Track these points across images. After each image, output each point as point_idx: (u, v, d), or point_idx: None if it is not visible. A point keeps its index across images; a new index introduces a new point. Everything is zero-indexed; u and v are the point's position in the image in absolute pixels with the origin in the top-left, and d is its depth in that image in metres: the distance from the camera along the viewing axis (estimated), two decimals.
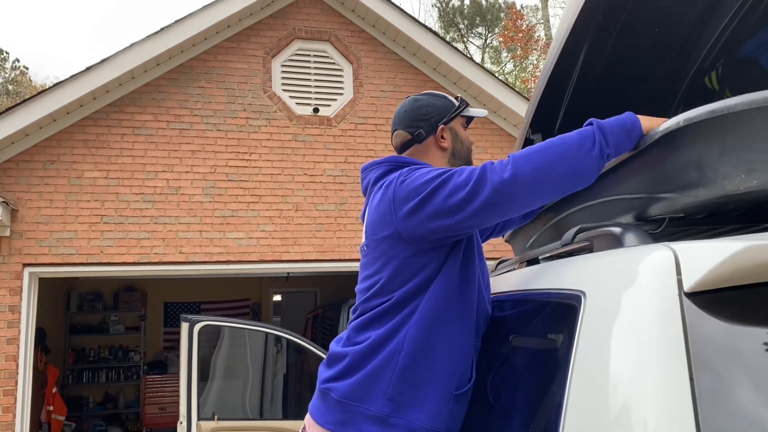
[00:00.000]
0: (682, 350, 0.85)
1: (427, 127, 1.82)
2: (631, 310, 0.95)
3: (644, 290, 0.95)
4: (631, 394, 0.88)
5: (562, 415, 1.01)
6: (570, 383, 1.02)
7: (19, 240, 5.57)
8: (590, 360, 1.00)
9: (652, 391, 0.85)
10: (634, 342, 0.91)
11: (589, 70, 2.13)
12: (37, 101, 5.59)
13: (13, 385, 5.35)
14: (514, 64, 24.84)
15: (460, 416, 1.54)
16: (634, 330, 0.92)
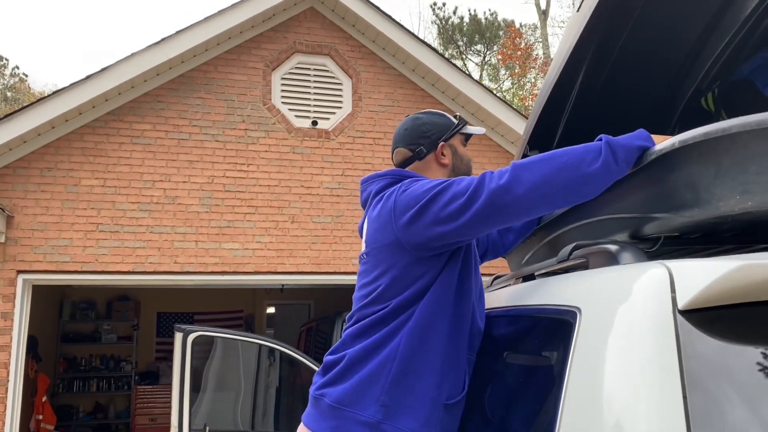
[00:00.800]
0: (675, 368, 0.86)
1: (428, 144, 1.85)
2: (625, 326, 0.96)
3: (639, 307, 0.96)
4: (625, 411, 0.88)
5: (557, 424, 1.02)
6: (564, 399, 1.03)
7: (13, 246, 5.56)
8: (584, 376, 1.00)
9: (646, 408, 0.85)
10: (628, 359, 0.92)
11: (588, 90, 2.16)
12: (36, 108, 5.60)
13: (3, 393, 5.31)
14: (512, 82, 25.00)
15: (452, 426, 1.55)
16: (628, 347, 0.93)
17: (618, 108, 2.28)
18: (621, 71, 2.15)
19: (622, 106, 2.28)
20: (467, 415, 1.58)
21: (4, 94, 27.42)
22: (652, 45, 2.11)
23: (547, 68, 15.66)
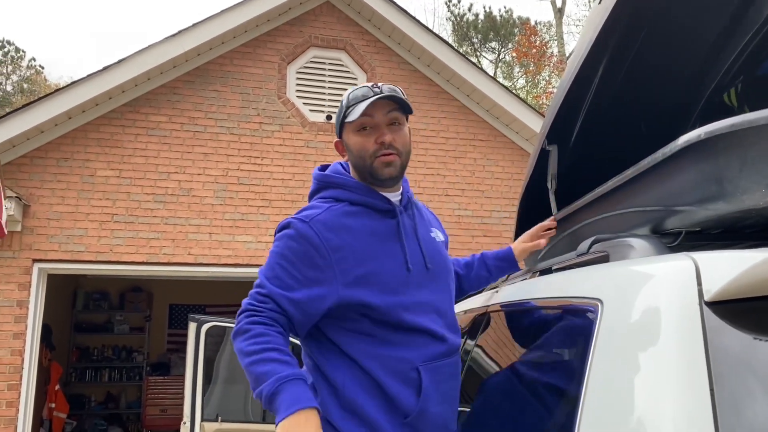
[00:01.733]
0: (702, 360, 0.85)
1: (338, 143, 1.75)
2: (650, 318, 0.95)
3: (664, 299, 0.95)
4: (650, 403, 0.87)
5: (576, 424, 1.01)
6: (585, 391, 1.02)
7: (29, 235, 5.61)
8: (606, 368, 1.00)
9: (672, 401, 0.84)
10: (653, 351, 0.91)
11: (607, 84, 2.14)
12: (53, 99, 5.64)
13: (17, 380, 5.36)
14: (526, 80, 24.88)
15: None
16: (653, 338, 0.92)
17: (637, 103, 2.26)
18: (641, 66, 2.12)
19: (641, 101, 2.26)
20: (485, 409, 1.58)
21: (20, 85, 27.66)
22: (673, 40, 2.08)
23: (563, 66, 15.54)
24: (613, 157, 2.27)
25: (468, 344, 2.03)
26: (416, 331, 1.54)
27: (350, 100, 1.63)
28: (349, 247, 1.54)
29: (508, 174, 6.92)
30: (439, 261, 1.70)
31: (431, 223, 1.83)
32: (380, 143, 1.61)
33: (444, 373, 1.57)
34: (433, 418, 1.54)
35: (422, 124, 6.77)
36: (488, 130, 6.94)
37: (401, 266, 1.58)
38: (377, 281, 1.54)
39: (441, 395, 1.56)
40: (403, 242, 1.61)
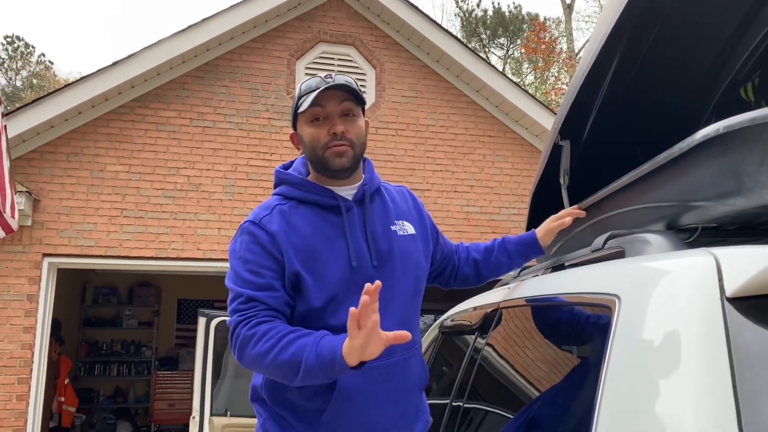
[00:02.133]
0: (724, 357, 0.83)
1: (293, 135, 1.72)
2: (670, 314, 0.94)
3: (685, 295, 0.93)
4: (670, 402, 0.86)
5: (593, 423, 0.99)
6: (602, 389, 1.01)
7: (39, 230, 5.63)
8: (624, 364, 0.98)
9: (693, 399, 0.83)
10: (674, 348, 0.90)
11: (621, 79, 2.12)
12: (63, 93, 5.65)
13: (27, 374, 5.39)
14: (535, 76, 24.79)
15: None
16: (673, 335, 0.91)
17: (650, 98, 2.24)
18: (655, 61, 2.10)
19: (654, 96, 2.24)
20: (497, 407, 1.56)
21: (30, 81, 27.78)
22: (688, 34, 2.06)
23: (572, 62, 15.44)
24: (625, 153, 2.26)
25: (479, 342, 2.02)
26: (340, 331, 1.45)
27: (302, 90, 1.60)
28: (293, 243, 1.54)
29: (517, 170, 6.89)
30: (393, 258, 1.63)
31: (401, 214, 1.75)
32: (332, 134, 1.58)
33: (378, 375, 1.53)
34: (355, 420, 1.52)
35: (431, 120, 6.76)
36: (498, 126, 6.91)
37: (345, 266, 1.55)
38: (317, 277, 1.53)
39: (368, 397, 1.53)
40: (348, 241, 1.57)
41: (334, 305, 1.53)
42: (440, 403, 2.29)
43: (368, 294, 1.25)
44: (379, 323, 1.28)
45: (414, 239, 1.71)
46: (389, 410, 1.57)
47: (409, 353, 1.62)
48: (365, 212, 1.64)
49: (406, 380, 1.62)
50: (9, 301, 5.44)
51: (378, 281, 1.27)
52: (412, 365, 1.65)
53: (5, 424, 5.29)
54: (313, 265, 1.53)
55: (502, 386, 1.66)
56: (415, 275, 1.68)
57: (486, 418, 1.74)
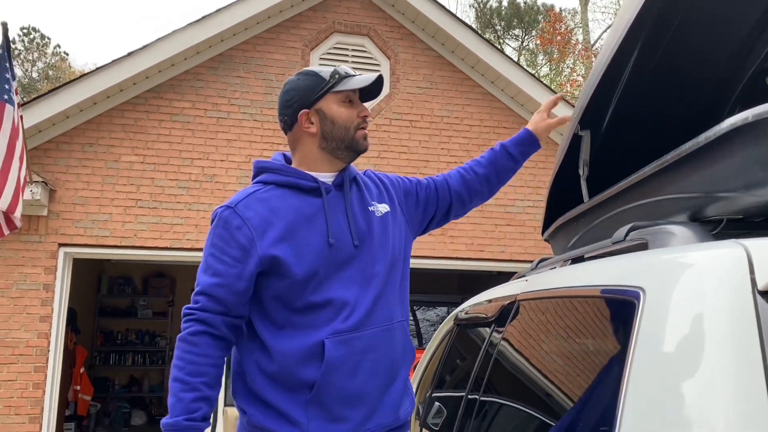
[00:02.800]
0: (756, 351, 0.81)
1: (291, 114, 1.74)
2: (698, 308, 0.91)
3: (714, 288, 0.90)
4: (699, 398, 0.83)
5: (618, 418, 0.97)
6: (626, 384, 0.98)
7: (55, 220, 5.66)
8: (650, 358, 0.95)
9: (724, 393, 0.80)
10: (703, 342, 0.87)
11: (643, 68, 2.08)
12: (78, 84, 5.67)
13: (44, 362, 5.44)
14: (550, 68, 24.58)
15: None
16: (702, 329, 0.88)
17: (672, 87, 2.19)
18: (677, 50, 2.06)
19: (677, 86, 2.20)
20: (516, 401, 1.54)
21: (45, 72, 27.96)
22: (711, 23, 2.02)
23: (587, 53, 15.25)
24: (645, 143, 2.22)
25: (495, 334, 2.00)
26: (328, 304, 1.59)
27: (340, 72, 1.72)
28: (271, 225, 1.61)
29: (532, 162, 6.83)
30: (372, 238, 1.72)
31: (374, 197, 1.82)
32: (363, 117, 1.74)
33: (361, 345, 1.60)
34: (344, 390, 1.57)
35: (446, 111, 6.71)
36: (513, 117, 6.85)
37: (324, 243, 1.63)
38: (298, 252, 1.59)
39: (354, 367, 1.58)
40: (327, 220, 1.65)
41: (315, 282, 1.60)
42: (456, 395, 2.27)
43: None
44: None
45: (388, 217, 1.80)
46: (375, 381, 1.63)
47: (391, 325, 1.69)
48: (345, 195, 1.73)
49: (389, 352, 1.68)
50: (25, 290, 5.49)
51: None
52: (396, 338, 1.71)
53: (22, 411, 5.34)
54: (293, 242, 1.60)
55: (520, 380, 1.64)
56: (392, 252, 1.76)
57: (503, 412, 1.72)
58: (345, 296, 1.61)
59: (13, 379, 5.36)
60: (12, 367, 5.37)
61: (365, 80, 1.72)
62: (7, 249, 5.51)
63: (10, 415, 5.31)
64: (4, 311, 5.43)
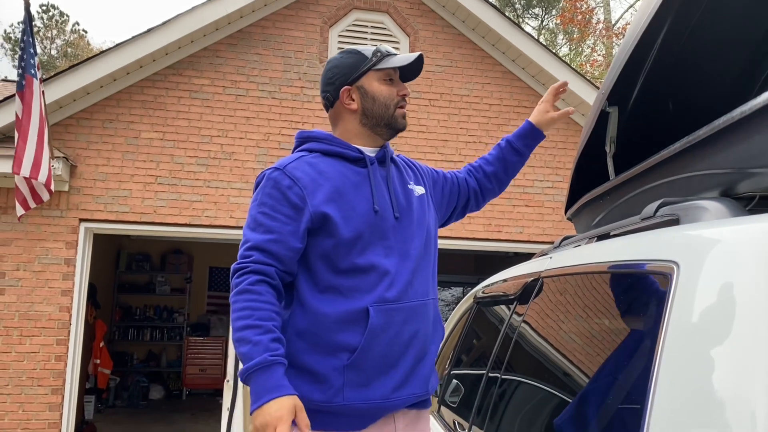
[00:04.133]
0: None
1: (333, 91, 1.80)
2: (733, 282, 0.90)
3: (751, 262, 0.89)
4: (733, 370, 0.82)
5: (649, 397, 0.96)
6: (659, 357, 0.97)
7: (76, 195, 5.72)
8: (684, 333, 0.94)
9: (758, 368, 0.79)
10: (737, 315, 0.86)
11: (672, 44, 2.04)
12: (99, 60, 5.68)
13: (65, 336, 5.52)
14: (570, 48, 24.24)
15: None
16: (738, 303, 0.87)
17: (701, 64, 2.15)
18: (707, 26, 2.02)
19: (705, 62, 2.16)
20: (538, 379, 1.54)
21: (64, 50, 28.07)
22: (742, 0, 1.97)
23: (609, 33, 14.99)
24: (673, 120, 2.18)
25: (518, 312, 1.99)
26: (372, 270, 1.62)
27: (379, 49, 1.76)
28: (320, 186, 1.65)
29: (552, 142, 6.77)
30: (411, 213, 1.76)
31: (411, 178, 1.88)
32: (403, 95, 1.78)
33: (400, 316, 1.64)
34: (382, 358, 1.61)
35: (465, 90, 6.65)
36: (533, 96, 6.78)
37: (369, 208, 1.67)
38: (345, 214, 1.63)
39: (391, 337, 1.62)
40: (372, 188, 1.70)
41: (361, 244, 1.63)
42: (475, 373, 2.27)
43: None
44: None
45: (424, 199, 1.86)
46: (410, 351, 1.67)
47: (426, 301, 1.74)
48: (387, 170, 1.78)
49: (424, 326, 1.72)
50: (47, 264, 5.56)
51: None
52: (429, 313, 1.76)
53: (45, 383, 5.44)
54: (341, 204, 1.64)
55: (544, 357, 1.63)
56: (427, 231, 1.80)
57: (524, 389, 1.72)
58: (387, 264, 1.65)
59: (36, 351, 5.45)
60: (35, 340, 5.46)
61: (407, 59, 1.75)
62: (30, 223, 5.57)
63: (33, 387, 5.41)
64: (27, 284, 5.51)
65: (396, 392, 1.64)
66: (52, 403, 5.43)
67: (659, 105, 2.22)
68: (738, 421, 0.78)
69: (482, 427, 1.87)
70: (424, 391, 1.72)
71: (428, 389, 1.75)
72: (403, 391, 1.65)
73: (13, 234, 5.54)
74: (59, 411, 5.44)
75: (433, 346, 1.78)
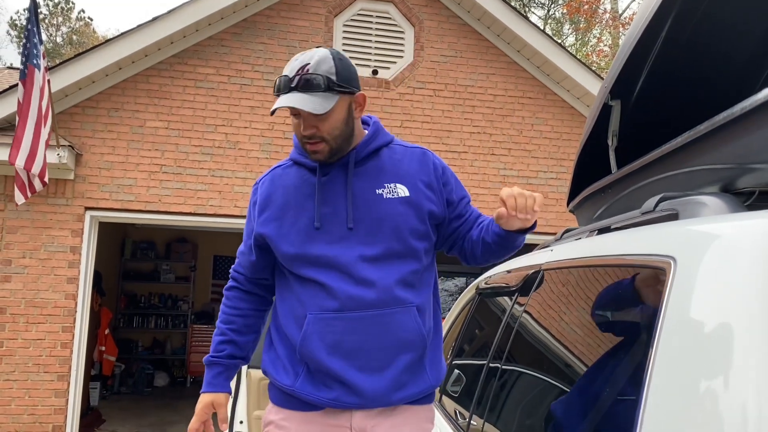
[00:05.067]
0: None
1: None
2: (730, 278, 0.91)
3: (746, 258, 0.90)
4: (728, 366, 0.84)
5: (644, 388, 0.98)
6: (654, 352, 0.99)
7: (82, 184, 5.75)
8: (679, 327, 0.96)
9: (754, 364, 0.80)
10: (734, 311, 0.87)
11: (676, 37, 2.04)
12: (104, 49, 5.69)
13: (71, 323, 5.57)
14: (576, 38, 24.11)
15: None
16: (735, 299, 0.88)
17: (706, 58, 2.15)
18: (712, 19, 2.02)
19: (710, 56, 2.16)
20: (537, 369, 1.56)
21: (70, 37, 28.05)
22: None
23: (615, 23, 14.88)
24: (676, 115, 2.18)
25: (517, 305, 2.01)
26: (310, 282, 1.69)
27: (275, 87, 1.66)
28: (269, 205, 1.76)
29: (557, 134, 6.77)
30: (374, 221, 1.69)
31: (396, 177, 1.75)
32: (302, 135, 1.67)
33: (337, 326, 1.64)
34: (320, 364, 1.65)
35: (470, 81, 6.64)
36: (538, 87, 6.77)
37: (309, 225, 1.70)
38: (284, 232, 1.72)
39: (330, 347, 1.64)
40: (316, 201, 1.70)
41: (300, 261, 1.70)
42: (476, 363, 2.29)
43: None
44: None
45: (404, 202, 1.73)
46: (352, 362, 1.64)
47: (389, 310, 1.66)
48: (348, 176, 1.72)
49: (381, 336, 1.65)
50: (53, 252, 5.60)
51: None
52: (396, 322, 1.66)
53: (51, 369, 5.49)
54: (282, 222, 1.73)
55: (543, 348, 1.65)
56: (397, 236, 1.70)
57: (524, 380, 1.74)
58: (325, 278, 1.66)
59: (42, 338, 5.50)
60: (41, 327, 5.51)
61: (279, 102, 1.62)
62: (36, 211, 5.61)
63: (39, 373, 5.47)
64: (33, 272, 5.55)
65: (345, 398, 1.66)
66: (57, 389, 5.49)
67: (662, 99, 2.22)
68: (732, 414, 0.80)
69: (483, 416, 1.90)
70: (377, 403, 1.67)
71: (391, 400, 1.68)
72: (350, 398, 1.65)
73: (20, 222, 5.58)
74: (65, 397, 5.50)
75: (403, 355, 1.68)
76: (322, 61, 1.62)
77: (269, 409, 1.80)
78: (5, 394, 5.41)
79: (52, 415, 5.46)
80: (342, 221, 1.69)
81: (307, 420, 1.70)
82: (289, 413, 1.73)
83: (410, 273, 1.71)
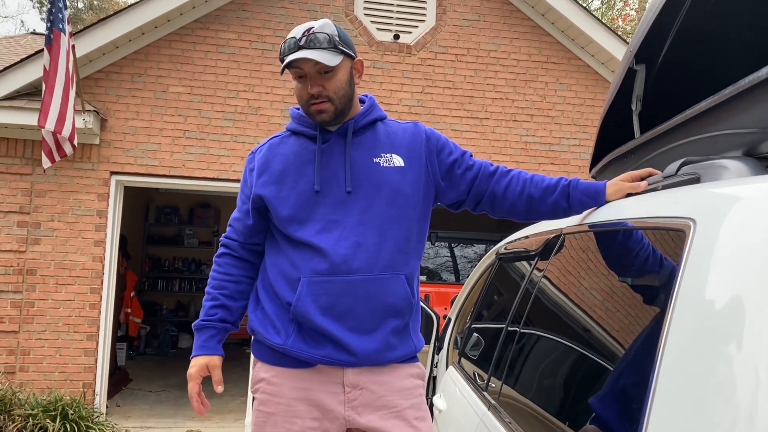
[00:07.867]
0: None
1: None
2: (750, 240, 0.92)
3: (766, 220, 0.91)
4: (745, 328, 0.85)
5: (660, 345, 1.00)
6: (671, 313, 1.01)
7: (107, 149, 5.83)
8: (697, 288, 0.98)
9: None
10: (753, 273, 0.88)
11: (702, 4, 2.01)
12: (127, 14, 5.71)
13: (98, 285, 5.71)
14: (602, 1, 23.55)
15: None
16: (753, 261, 0.90)
17: (731, 23, 2.12)
18: None
19: (735, 21, 2.12)
20: (556, 333, 1.58)
21: (90, 3, 28.03)
22: None
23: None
24: (700, 79, 2.16)
25: (537, 269, 2.03)
26: (304, 245, 1.74)
27: (282, 50, 1.74)
28: (267, 169, 1.83)
29: (580, 99, 6.69)
30: (372, 186, 1.78)
31: (391, 148, 1.86)
32: (310, 94, 1.74)
33: (331, 289, 1.71)
34: (313, 323, 1.71)
35: (493, 45, 6.57)
36: (562, 52, 6.67)
37: (309, 189, 1.77)
38: (284, 195, 1.78)
39: (323, 308, 1.71)
40: (317, 167, 1.78)
41: (297, 223, 1.76)
42: (495, 327, 2.33)
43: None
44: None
45: (399, 171, 1.83)
46: (343, 324, 1.73)
47: (380, 275, 1.75)
48: (346, 143, 1.81)
49: (371, 300, 1.74)
50: (80, 215, 5.72)
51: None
52: (387, 288, 1.76)
53: (80, 329, 5.66)
54: (282, 186, 1.79)
55: (563, 311, 1.68)
56: (393, 202, 1.80)
57: (543, 344, 1.77)
58: (321, 241, 1.73)
59: (71, 299, 5.65)
60: (69, 288, 5.66)
61: (290, 57, 1.70)
62: (63, 176, 5.71)
63: (69, 333, 5.63)
64: (61, 235, 5.68)
65: (336, 355, 1.73)
66: (87, 349, 5.66)
67: (687, 63, 2.20)
68: (747, 377, 0.81)
69: (501, 378, 1.94)
70: (369, 362, 1.75)
71: (382, 359, 1.77)
72: (342, 355, 1.73)
73: (48, 186, 5.69)
74: (94, 356, 5.68)
75: (393, 320, 1.77)
76: (325, 24, 1.75)
77: (258, 367, 1.83)
78: (37, 353, 5.59)
79: (82, 373, 5.63)
80: (341, 185, 1.77)
81: (300, 377, 1.75)
82: (280, 370, 1.77)
83: (403, 240, 1.81)
